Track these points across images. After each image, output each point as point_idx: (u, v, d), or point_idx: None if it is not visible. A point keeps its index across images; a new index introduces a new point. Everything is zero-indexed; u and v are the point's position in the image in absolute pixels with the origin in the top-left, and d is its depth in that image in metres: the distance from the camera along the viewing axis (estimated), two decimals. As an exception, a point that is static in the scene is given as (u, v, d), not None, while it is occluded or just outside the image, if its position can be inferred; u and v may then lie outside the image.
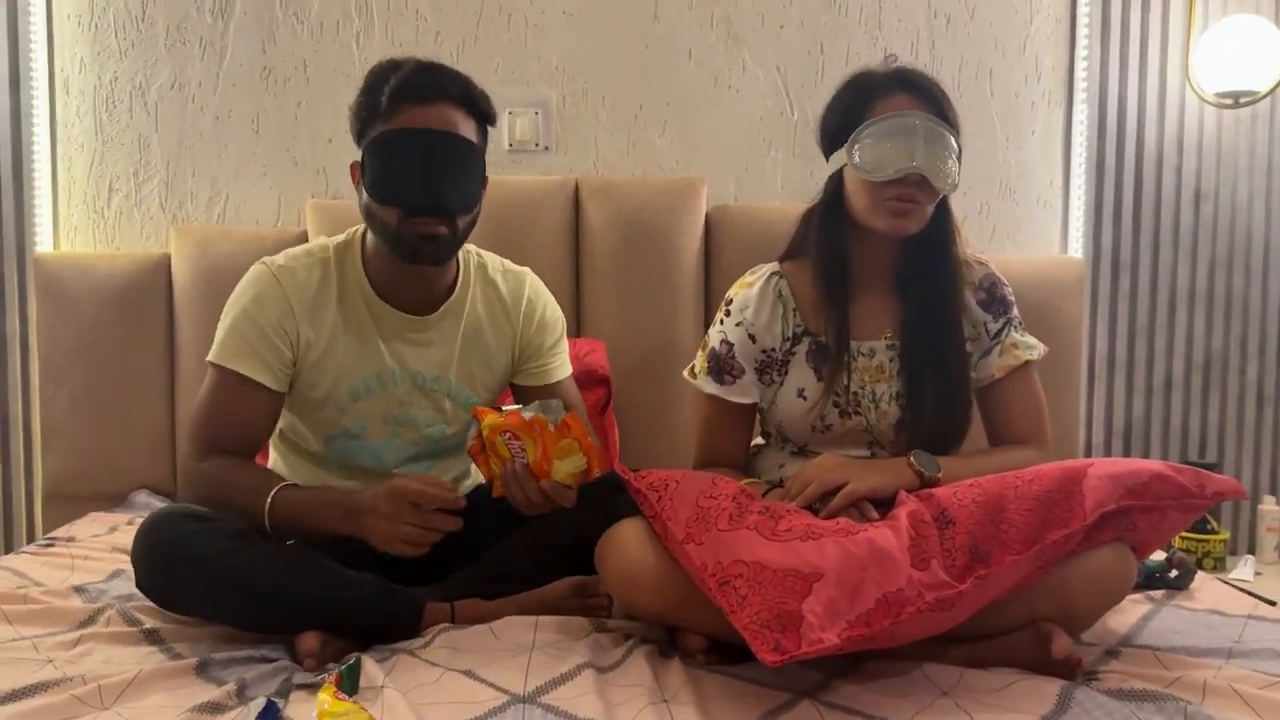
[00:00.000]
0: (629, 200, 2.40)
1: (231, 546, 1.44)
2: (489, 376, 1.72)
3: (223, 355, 1.59)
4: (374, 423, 1.66)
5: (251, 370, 1.58)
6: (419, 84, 1.53)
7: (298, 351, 1.61)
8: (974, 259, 1.72)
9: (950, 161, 1.58)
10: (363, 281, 1.64)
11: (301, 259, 1.64)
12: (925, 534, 1.37)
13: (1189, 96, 2.54)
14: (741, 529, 1.37)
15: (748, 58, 2.53)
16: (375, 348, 1.64)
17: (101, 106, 2.44)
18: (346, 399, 1.64)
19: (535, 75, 2.49)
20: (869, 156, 1.58)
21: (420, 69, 1.55)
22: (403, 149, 1.52)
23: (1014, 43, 2.56)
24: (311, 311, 1.61)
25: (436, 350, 1.67)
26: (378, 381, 1.65)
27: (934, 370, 1.64)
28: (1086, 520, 1.34)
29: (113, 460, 2.34)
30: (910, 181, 1.56)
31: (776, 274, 1.72)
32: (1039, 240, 2.59)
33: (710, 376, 1.70)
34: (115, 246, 2.47)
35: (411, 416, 1.67)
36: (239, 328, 1.59)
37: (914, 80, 1.63)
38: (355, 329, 1.63)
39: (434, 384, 1.67)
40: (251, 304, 1.60)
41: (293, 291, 1.60)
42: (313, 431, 1.68)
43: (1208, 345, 2.61)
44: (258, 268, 1.63)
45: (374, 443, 1.68)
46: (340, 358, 1.62)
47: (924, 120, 1.57)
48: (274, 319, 1.59)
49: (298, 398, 1.65)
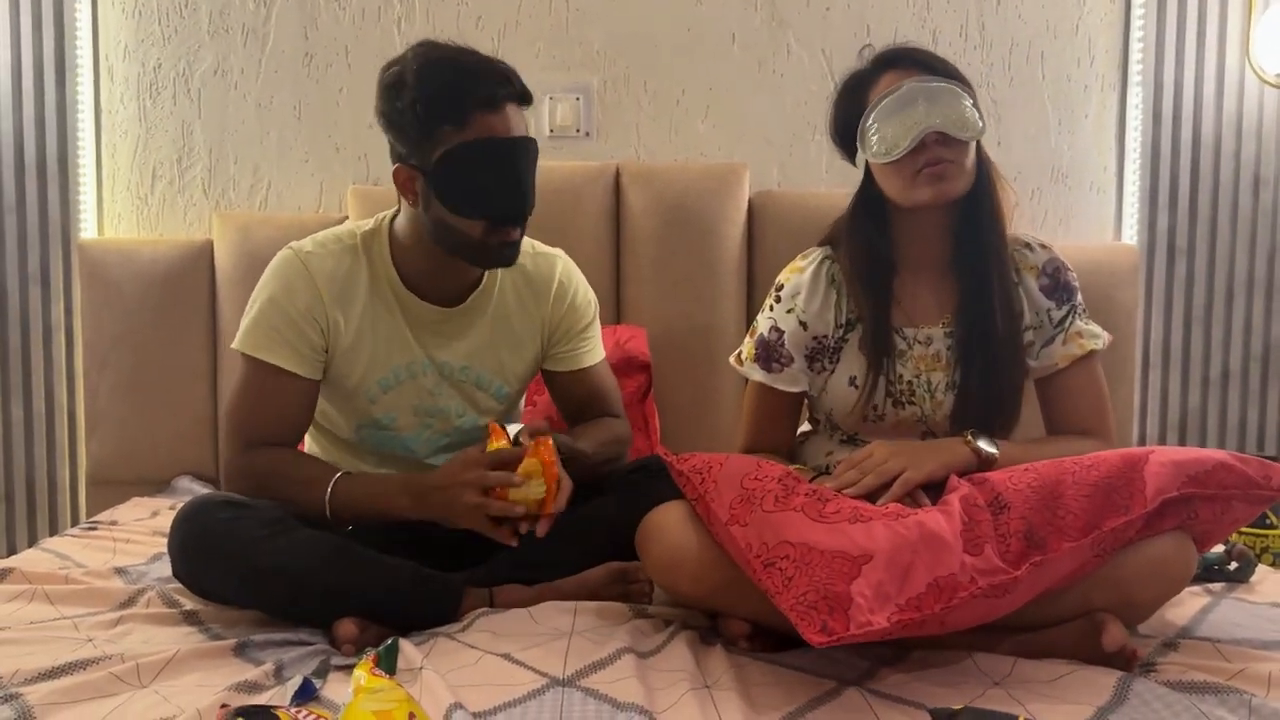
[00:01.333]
0: (670, 186, 2.37)
1: (267, 534, 1.43)
2: (519, 365, 1.70)
3: (252, 345, 1.56)
4: (404, 414, 1.65)
5: (282, 359, 1.56)
6: (495, 92, 1.47)
7: (329, 338, 1.59)
8: (1037, 242, 1.67)
9: (962, 108, 1.53)
10: (390, 272, 1.61)
11: (330, 245, 1.61)
12: (978, 518, 1.33)
13: (1249, 78, 2.47)
14: (788, 510, 1.35)
15: (793, 41, 2.49)
16: (404, 339, 1.62)
17: (145, 93, 2.46)
18: (376, 390, 1.62)
19: (576, 60, 2.48)
20: (881, 140, 1.55)
21: (490, 73, 1.48)
22: (486, 161, 1.47)
23: (1066, 24, 2.50)
24: (341, 298, 1.59)
25: (465, 341, 1.65)
26: (407, 373, 1.63)
27: (981, 354, 1.59)
28: (1147, 507, 1.31)
29: (156, 446, 2.36)
30: (931, 143, 1.52)
31: (829, 258, 1.68)
32: (1092, 227, 2.54)
33: (758, 363, 1.67)
34: (158, 233, 2.48)
35: (441, 408, 1.66)
36: (267, 316, 1.56)
37: (894, 56, 1.60)
38: (384, 319, 1.61)
39: (462, 375, 1.66)
40: (280, 291, 1.57)
41: (322, 278, 1.57)
42: (344, 420, 1.67)
43: (1266, 335, 2.54)
44: (285, 254, 1.60)
45: (405, 434, 1.66)
46: (370, 347, 1.60)
47: (916, 83, 1.53)
48: (303, 306, 1.56)
49: (331, 385, 1.63)
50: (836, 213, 2.33)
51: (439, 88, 1.45)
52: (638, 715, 1.14)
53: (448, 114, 1.45)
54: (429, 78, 1.46)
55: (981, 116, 1.55)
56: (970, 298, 1.60)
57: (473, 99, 1.45)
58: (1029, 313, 1.63)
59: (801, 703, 1.21)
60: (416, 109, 1.46)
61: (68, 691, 1.21)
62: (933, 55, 1.59)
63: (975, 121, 1.53)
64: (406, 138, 1.49)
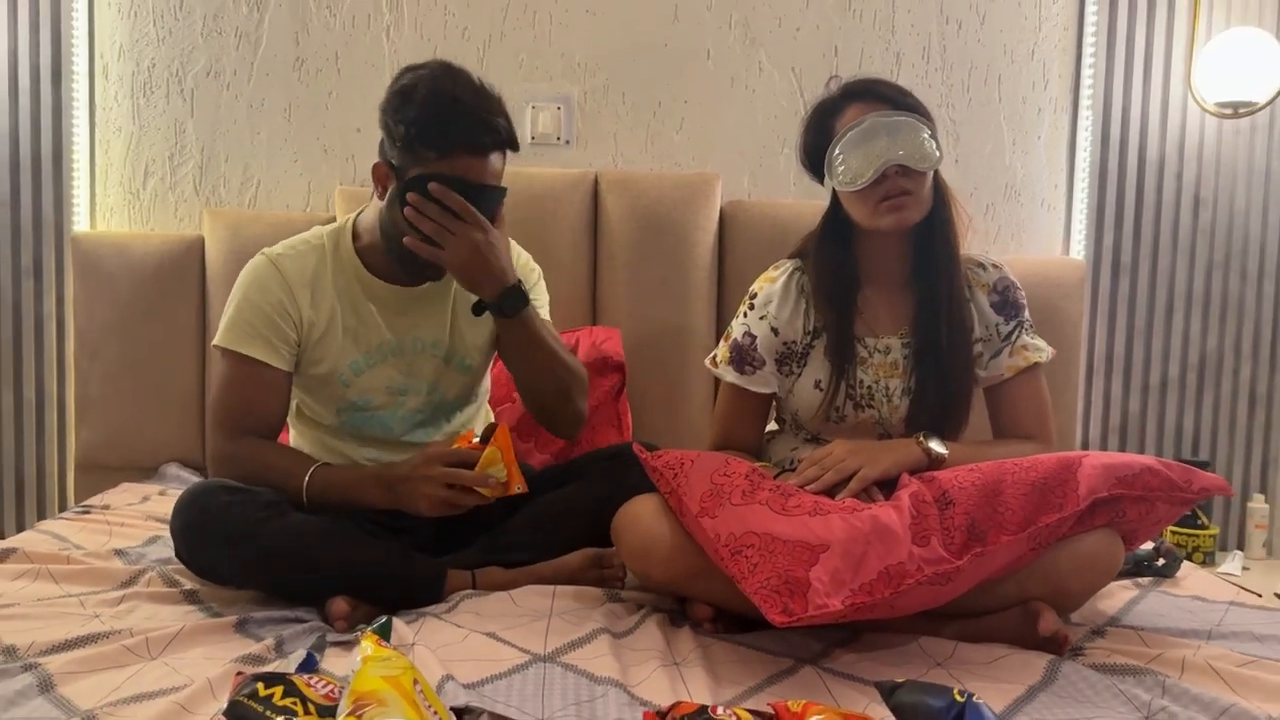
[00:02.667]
0: (646, 194, 2.47)
1: (264, 516, 1.53)
2: (478, 338, 1.81)
3: (230, 340, 1.68)
4: (379, 394, 1.75)
5: (259, 353, 1.67)
6: (482, 140, 1.59)
7: (301, 332, 1.70)
8: (989, 261, 1.80)
9: (922, 141, 1.64)
10: (355, 262, 1.73)
11: (298, 246, 1.74)
12: (926, 513, 1.44)
13: (1190, 106, 2.62)
14: (754, 504, 1.45)
15: (764, 59, 2.60)
16: (373, 322, 1.73)
17: (139, 92, 2.52)
18: (349, 373, 1.73)
19: (558, 71, 2.57)
20: (846, 170, 1.66)
21: (483, 120, 1.59)
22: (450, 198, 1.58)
23: (1023, 50, 2.63)
24: (310, 293, 1.70)
25: (430, 318, 1.77)
26: (378, 354, 1.74)
27: (935, 363, 1.71)
28: (1079, 505, 1.42)
29: (144, 433, 2.43)
30: (892, 175, 1.63)
31: (799, 269, 1.80)
32: (1042, 242, 2.67)
33: (731, 366, 1.78)
34: (150, 227, 2.55)
35: (413, 385, 1.77)
36: (243, 314, 1.68)
37: (859, 89, 1.71)
38: (352, 306, 1.72)
39: (433, 349, 1.77)
40: (254, 290, 1.69)
41: (292, 275, 1.70)
42: (324, 406, 1.77)
43: (1203, 346, 2.69)
44: (257, 258, 1.73)
45: (381, 413, 1.77)
46: (340, 335, 1.71)
47: (878, 118, 1.64)
48: (276, 303, 1.68)
49: (303, 375, 1.74)
50: (803, 222, 2.46)
51: (435, 117, 1.57)
52: (613, 688, 1.23)
53: (435, 142, 1.58)
54: (432, 103, 1.58)
55: (939, 147, 1.67)
56: (927, 315, 1.72)
57: (460, 140, 1.58)
58: (979, 326, 1.76)
59: (761, 679, 1.31)
60: (411, 126, 1.58)
61: (84, 662, 1.28)
62: (896, 88, 1.70)
63: (933, 153, 1.66)
64: (396, 141, 1.61)
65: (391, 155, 1.63)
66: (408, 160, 1.60)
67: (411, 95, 1.59)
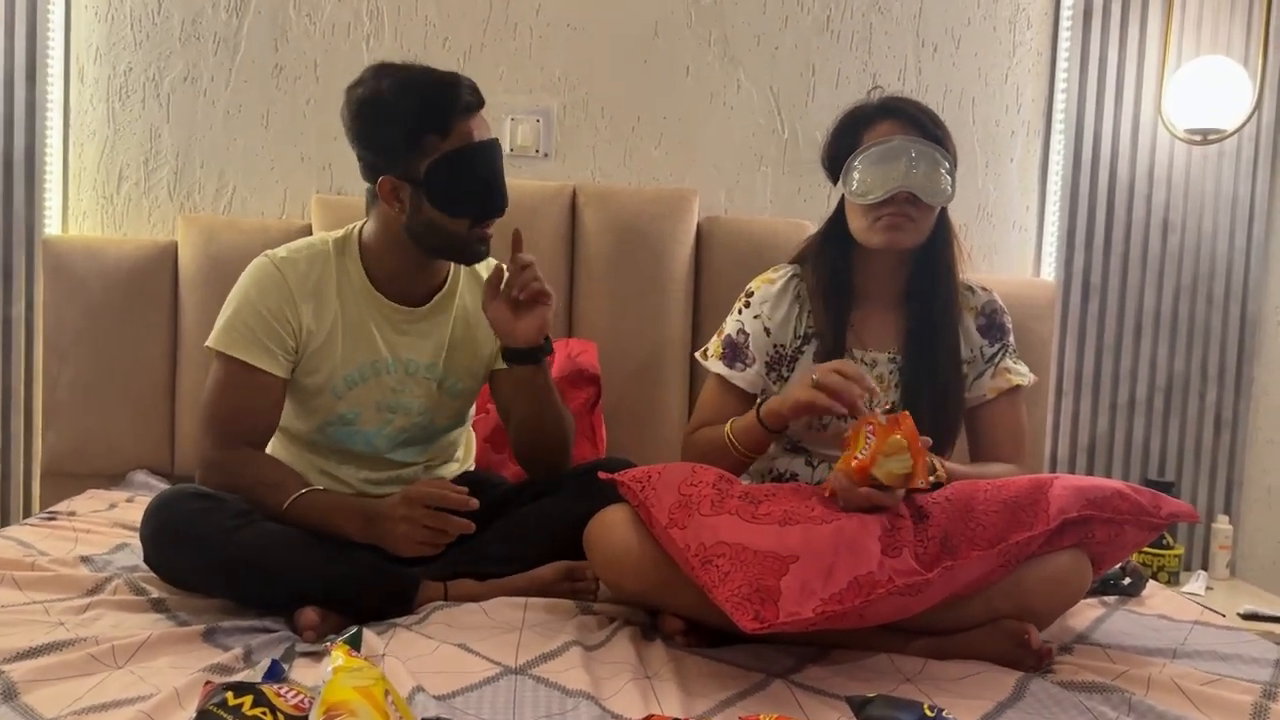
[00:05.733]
0: (624, 208, 2.48)
1: (235, 524, 1.52)
2: (475, 363, 1.81)
3: (227, 343, 1.66)
4: (367, 409, 1.74)
5: (257, 358, 1.65)
6: (469, 100, 1.61)
7: (300, 339, 1.69)
8: (978, 285, 1.84)
9: (939, 176, 1.68)
10: (361, 275, 1.72)
11: (303, 250, 1.72)
12: (900, 526, 1.46)
13: (1160, 131, 2.66)
14: (724, 514, 1.46)
15: (743, 76, 2.62)
16: (371, 337, 1.72)
17: (115, 96, 2.51)
18: (342, 386, 1.72)
19: (538, 84, 2.58)
20: (860, 183, 1.70)
21: (448, 82, 1.61)
22: (470, 164, 1.61)
23: (996, 73, 2.67)
24: (313, 301, 1.69)
25: (428, 340, 1.76)
26: (372, 370, 1.73)
27: (929, 384, 1.74)
28: (1049, 525, 1.43)
29: (112, 440, 2.40)
30: (900, 199, 1.67)
31: (797, 275, 1.82)
32: (1013, 263, 2.70)
33: (722, 360, 1.80)
34: (123, 232, 2.53)
35: (403, 403, 1.76)
36: (243, 316, 1.66)
37: (897, 107, 1.75)
38: (353, 319, 1.71)
39: (426, 372, 1.76)
40: (255, 293, 1.67)
41: (295, 282, 1.68)
42: (308, 418, 1.76)
43: (1170, 368, 2.72)
44: (260, 259, 1.71)
45: (367, 429, 1.76)
46: (339, 345, 1.70)
47: (907, 142, 1.68)
48: (277, 308, 1.66)
49: (295, 385, 1.72)
50: (779, 240, 2.50)
51: (422, 102, 1.59)
52: (585, 701, 1.24)
53: (433, 125, 1.59)
54: (410, 94, 1.59)
55: (953, 184, 1.70)
56: (920, 338, 1.76)
57: (453, 109, 1.59)
58: (965, 348, 1.79)
59: (733, 692, 1.31)
60: (403, 125, 1.58)
61: (48, 670, 1.27)
62: (932, 116, 1.74)
63: (946, 190, 1.69)
64: (391, 153, 1.61)
65: (391, 166, 1.62)
66: (413, 158, 1.60)
67: (381, 101, 1.60)
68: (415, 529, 1.52)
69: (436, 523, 1.52)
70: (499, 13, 2.56)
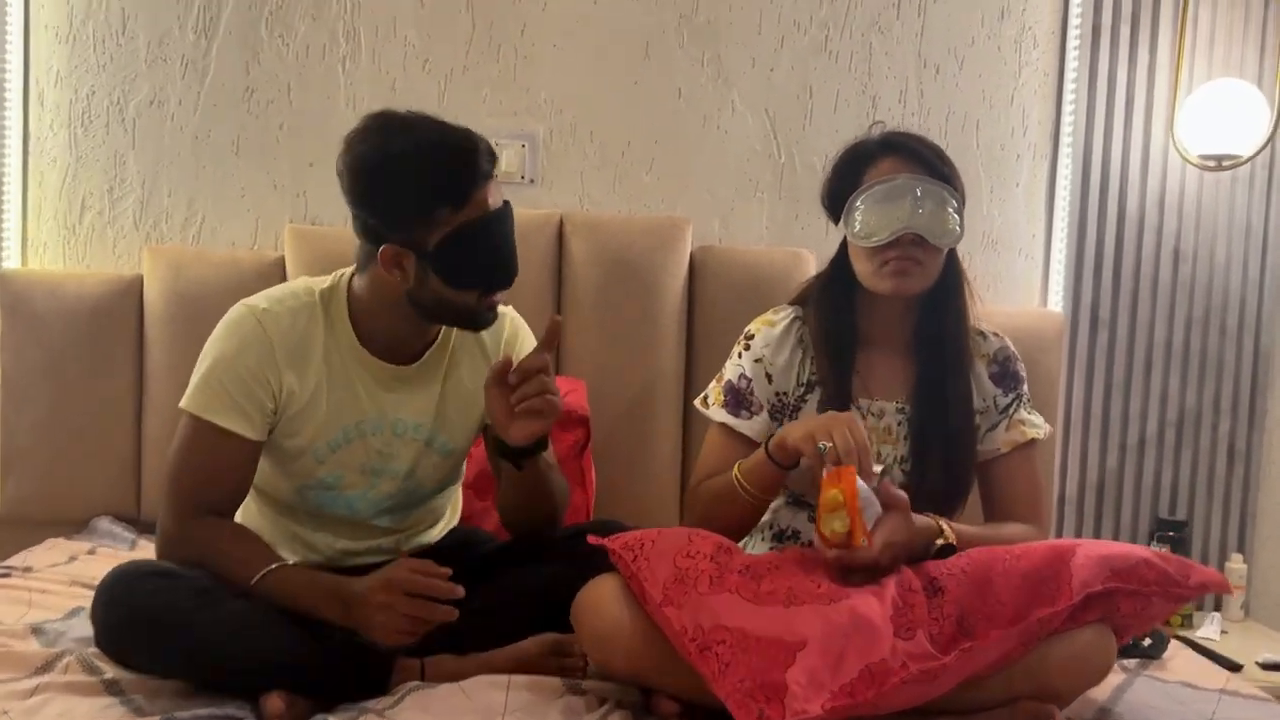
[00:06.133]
0: (613, 238, 2.38)
1: (195, 605, 1.41)
2: (468, 421, 1.70)
3: (200, 405, 1.53)
4: (351, 473, 1.63)
5: (231, 422, 1.53)
6: (482, 167, 1.48)
7: (279, 401, 1.56)
8: (991, 330, 1.74)
9: (946, 215, 1.59)
10: (349, 331, 1.60)
11: (287, 302, 1.59)
12: (913, 602, 1.38)
13: (1171, 155, 2.56)
14: (723, 592, 1.37)
15: (737, 99, 2.52)
16: (357, 398, 1.60)
17: (77, 121, 2.39)
18: (325, 450, 1.60)
19: (523, 107, 2.47)
20: (863, 224, 1.61)
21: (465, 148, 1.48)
22: (485, 236, 1.49)
23: (1001, 95, 2.57)
24: (296, 360, 1.56)
25: (418, 399, 1.64)
26: (357, 432, 1.61)
27: (941, 436, 1.65)
28: (1072, 600, 1.36)
29: (75, 485, 2.28)
30: (906, 241, 1.58)
31: (800, 318, 1.72)
32: (1019, 292, 2.60)
33: (725, 409, 1.69)
34: (86, 265, 2.41)
35: (390, 467, 1.64)
36: (218, 375, 1.53)
37: (900, 143, 1.66)
38: (339, 379, 1.59)
39: (414, 432, 1.64)
40: (233, 349, 1.54)
41: (277, 338, 1.55)
42: (286, 480, 1.64)
43: (1181, 402, 2.63)
44: (240, 310, 1.57)
45: (349, 494, 1.64)
46: (322, 407, 1.58)
47: (912, 180, 1.59)
48: (256, 367, 1.53)
49: (272, 446, 1.60)
50: (776, 270, 2.40)
51: (438, 172, 1.46)
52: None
53: (449, 197, 1.46)
54: (424, 160, 1.46)
55: (961, 223, 1.61)
56: (929, 387, 1.66)
57: (472, 181, 1.47)
58: (977, 398, 1.69)
59: (734, 787, 1.22)
60: (415, 194, 1.46)
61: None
62: (937, 152, 1.64)
63: (954, 230, 1.60)
64: (397, 220, 1.48)
65: (396, 233, 1.48)
66: (422, 230, 1.47)
67: (388, 163, 1.46)
68: (394, 618, 1.39)
69: (418, 611, 1.39)
70: (482, 33, 2.45)
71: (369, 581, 1.42)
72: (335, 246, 2.28)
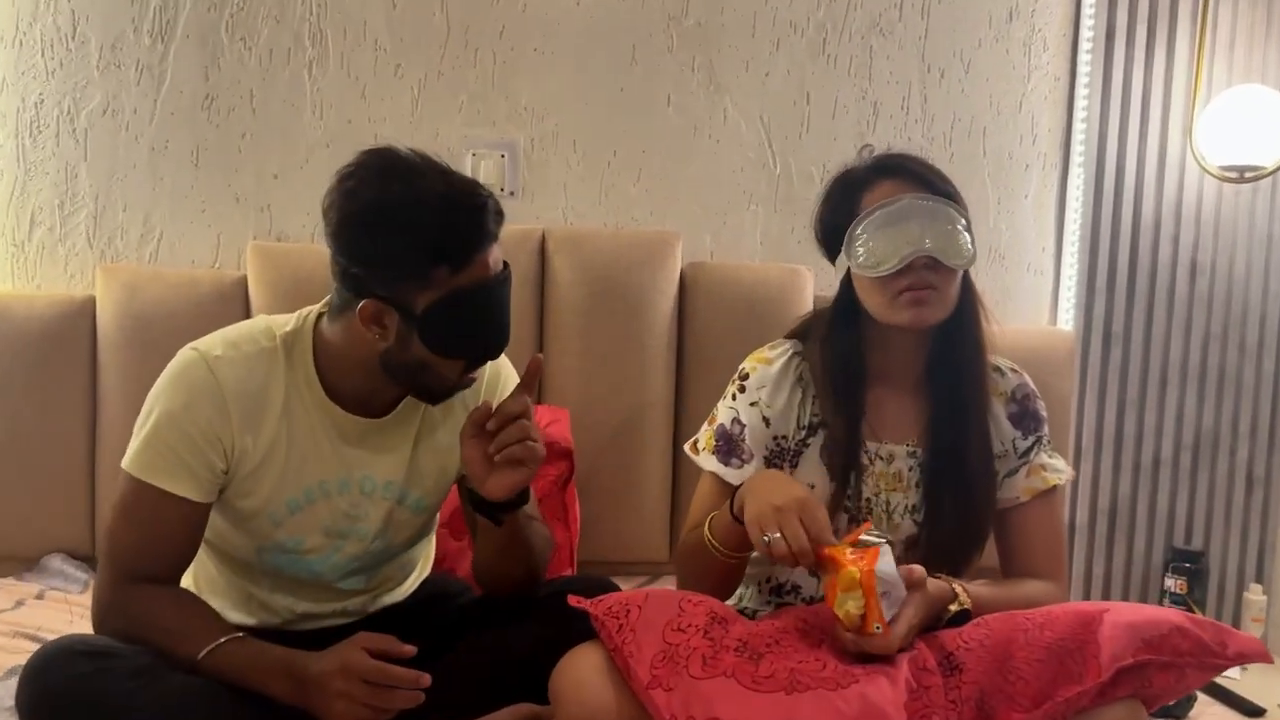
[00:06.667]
0: (599, 254, 2.24)
1: (132, 688, 1.26)
2: (441, 477, 1.55)
3: (141, 467, 1.37)
4: (313, 536, 1.48)
5: (176, 485, 1.37)
6: (489, 228, 1.33)
7: (230, 461, 1.41)
8: (1008, 366, 1.60)
9: (958, 234, 1.46)
10: (313, 380, 1.44)
11: (243, 347, 1.42)
12: (928, 684, 1.26)
13: (1189, 165, 2.44)
14: (717, 676, 1.23)
15: (729, 106, 2.38)
16: (321, 454, 1.45)
17: (24, 131, 2.23)
18: (284, 512, 1.45)
19: (502, 115, 2.33)
20: (868, 253, 1.47)
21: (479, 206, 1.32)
22: (484, 304, 1.35)
23: (1009, 101, 2.43)
24: (251, 416, 1.40)
25: (389, 455, 1.49)
26: (320, 491, 1.46)
27: (955, 482, 1.51)
28: (1101, 677, 1.23)
29: (25, 521, 2.14)
30: (919, 266, 1.44)
31: (799, 354, 1.58)
32: (1028, 309, 2.48)
33: (716, 455, 1.56)
34: (36, 284, 2.26)
35: (357, 529, 1.50)
36: (163, 434, 1.37)
37: (894, 164, 1.52)
38: (301, 434, 1.44)
39: (385, 491, 1.50)
40: (180, 403, 1.38)
41: (232, 390, 1.39)
42: (242, 539, 1.49)
43: (1198, 424, 2.51)
44: (189, 357, 1.41)
45: (311, 558, 1.50)
46: (280, 468, 1.43)
47: (915, 200, 1.46)
48: (205, 425, 1.37)
49: (226, 505, 1.46)
50: (770, 287, 2.27)
51: (443, 230, 1.30)
52: None
53: (449, 257, 1.31)
54: (427, 214, 1.30)
55: (973, 242, 1.47)
56: (944, 425, 1.52)
57: (478, 243, 1.32)
58: (995, 442, 1.55)
59: None
60: (412, 250, 1.30)
61: None
62: (934, 170, 1.52)
63: (967, 249, 1.46)
64: (389, 276, 1.33)
65: (381, 287, 1.33)
66: (412, 289, 1.32)
67: (384, 211, 1.31)
68: (353, 707, 1.26)
69: (378, 701, 1.26)
70: (457, 36, 2.30)
71: (324, 664, 1.29)
72: (302, 264, 2.14)
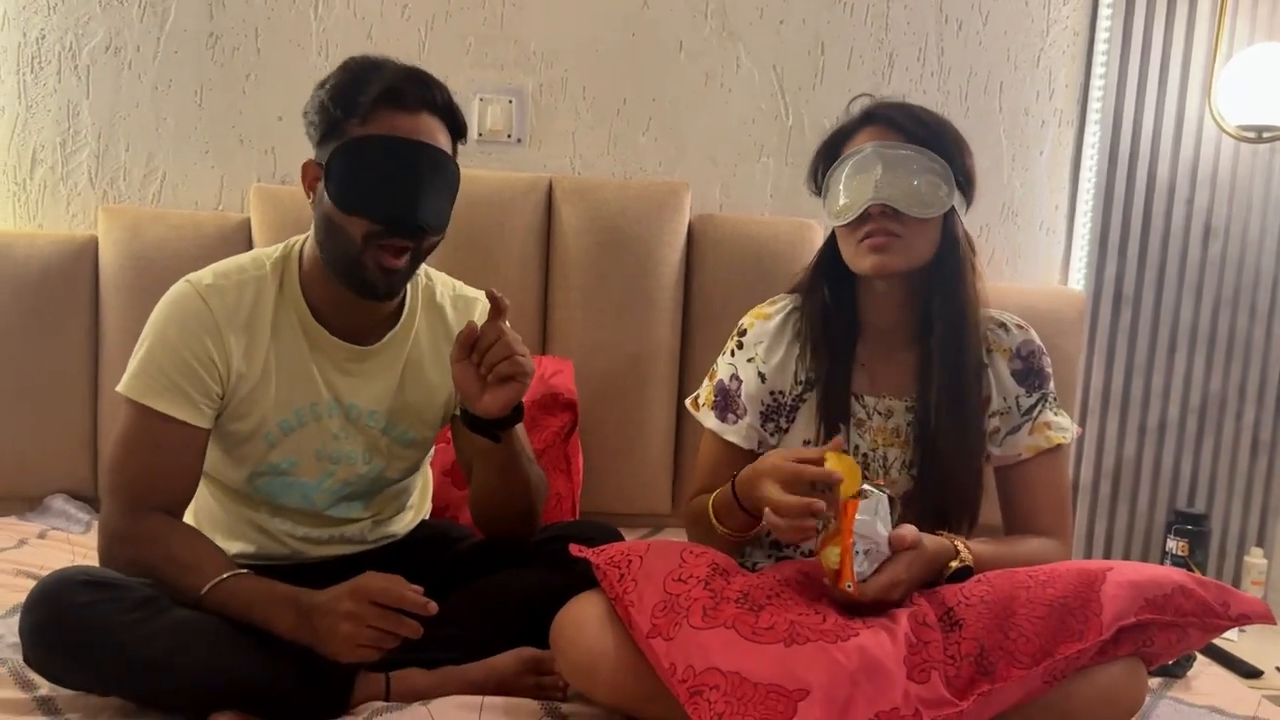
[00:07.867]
0: (607, 204, 2.21)
1: (134, 619, 1.27)
2: (429, 412, 1.57)
3: (140, 391, 1.40)
4: (305, 458, 1.50)
5: (175, 408, 1.40)
6: (404, 89, 1.38)
7: (227, 385, 1.44)
8: (1013, 321, 1.58)
9: (921, 181, 1.43)
10: (300, 304, 1.47)
11: (233, 276, 1.46)
12: (927, 639, 1.25)
13: (1208, 125, 2.39)
14: (718, 627, 1.24)
15: (742, 54, 2.33)
16: (310, 377, 1.48)
17: (26, 67, 2.20)
18: (277, 432, 1.48)
19: (510, 60, 2.29)
20: (835, 202, 1.48)
21: (405, 73, 1.41)
22: (381, 156, 1.37)
23: (1027, 55, 2.39)
24: (243, 339, 1.44)
25: (374, 383, 1.52)
26: (311, 414, 1.49)
27: (938, 437, 1.49)
28: (1103, 634, 1.24)
29: (28, 461, 2.14)
30: (876, 214, 1.43)
31: (797, 309, 1.57)
32: (1039, 268, 2.45)
33: (714, 411, 1.56)
34: (37, 224, 2.24)
35: (345, 452, 1.52)
36: (158, 358, 1.41)
37: (879, 111, 1.50)
38: (291, 357, 1.47)
39: (369, 420, 1.52)
40: (175, 329, 1.42)
41: (222, 316, 1.43)
42: (237, 467, 1.51)
43: (1205, 387, 2.49)
44: (182, 287, 1.45)
45: (305, 480, 1.52)
46: (273, 387, 1.46)
47: (880, 148, 1.44)
48: (200, 347, 1.41)
49: (221, 430, 1.48)
50: (781, 241, 2.24)
51: (350, 80, 1.39)
52: None
53: (353, 106, 1.37)
54: (358, 73, 1.40)
55: (951, 191, 1.44)
56: (930, 382, 1.50)
57: (392, 96, 1.37)
58: (996, 398, 1.53)
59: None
60: (331, 97, 1.39)
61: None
62: (916, 117, 1.48)
63: (927, 197, 1.43)
64: (316, 128, 1.41)
65: (316, 149, 1.42)
66: (330, 141, 1.38)
67: (322, 82, 1.42)
68: (360, 629, 1.27)
69: (385, 624, 1.27)
70: (467, -23, 2.26)
71: (334, 590, 1.31)
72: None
